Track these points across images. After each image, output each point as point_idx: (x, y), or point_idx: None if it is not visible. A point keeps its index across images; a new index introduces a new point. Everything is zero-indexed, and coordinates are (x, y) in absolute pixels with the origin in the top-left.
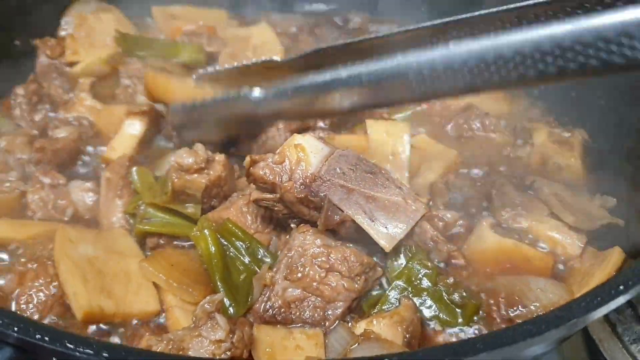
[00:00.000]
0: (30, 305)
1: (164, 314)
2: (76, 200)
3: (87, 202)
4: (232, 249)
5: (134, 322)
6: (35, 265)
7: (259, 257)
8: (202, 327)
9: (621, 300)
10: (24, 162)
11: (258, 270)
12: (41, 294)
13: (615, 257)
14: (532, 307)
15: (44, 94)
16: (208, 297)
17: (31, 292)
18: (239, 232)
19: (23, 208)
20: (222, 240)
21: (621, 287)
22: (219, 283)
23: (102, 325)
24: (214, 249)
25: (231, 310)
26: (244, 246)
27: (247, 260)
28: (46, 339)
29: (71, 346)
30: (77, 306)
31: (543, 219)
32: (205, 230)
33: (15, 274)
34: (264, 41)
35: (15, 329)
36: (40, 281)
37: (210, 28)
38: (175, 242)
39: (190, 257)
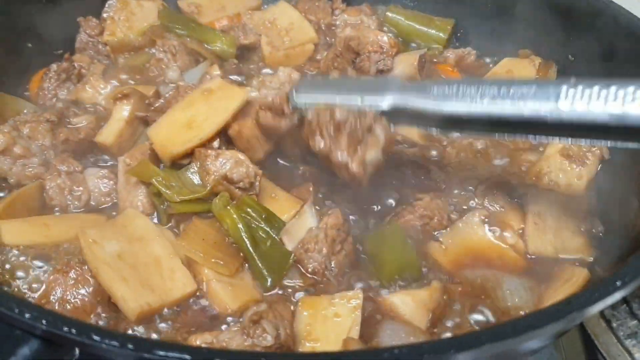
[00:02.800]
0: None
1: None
2: (92, 187)
3: (102, 189)
4: (252, 221)
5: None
6: (73, 272)
7: (277, 224)
8: (254, 336)
9: (618, 296)
10: (45, 149)
11: (276, 237)
12: (84, 298)
13: (580, 280)
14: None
15: (73, 74)
16: (254, 308)
17: (74, 299)
18: (255, 204)
19: (43, 198)
20: (243, 214)
21: (618, 283)
22: (254, 254)
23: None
24: (241, 225)
25: (269, 280)
26: (262, 216)
27: (267, 228)
28: (73, 331)
29: (97, 338)
30: (128, 310)
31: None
32: (229, 208)
33: (55, 283)
34: (291, 22)
35: (44, 321)
36: (81, 289)
37: (237, 17)
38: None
39: (215, 228)
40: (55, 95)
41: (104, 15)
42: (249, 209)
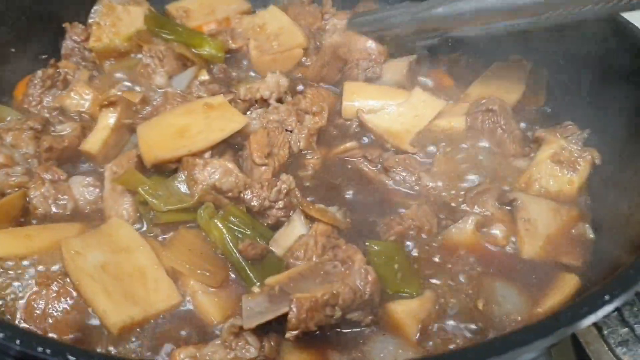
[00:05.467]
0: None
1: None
2: (77, 196)
3: (87, 197)
4: (238, 230)
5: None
6: (55, 285)
7: (265, 234)
8: (236, 348)
9: (608, 309)
10: (29, 157)
11: (266, 245)
12: (65, 312)
13: (570, 287)
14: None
15: (59, 80)
16: (231, 320)
17: (56, 313)
18: (242, 214)
19: (26, 207)
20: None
21: (607, 297)
22: (244, 264)
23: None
24: (228, 237)
25: (257, 285)
26: (250, 226)
27: (255, 236)
28: (48, 352)
29: (73, 359)
30: (110, 324)
31: None
32: (215, 220)
33: (36, 295)
34: (280, 26)
35: (18, 341)
36: (63, 302)
37: (226, 21)
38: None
39: (201, 238)
40: (41, 102)
41: (90, 20)
42: (234, 219)
